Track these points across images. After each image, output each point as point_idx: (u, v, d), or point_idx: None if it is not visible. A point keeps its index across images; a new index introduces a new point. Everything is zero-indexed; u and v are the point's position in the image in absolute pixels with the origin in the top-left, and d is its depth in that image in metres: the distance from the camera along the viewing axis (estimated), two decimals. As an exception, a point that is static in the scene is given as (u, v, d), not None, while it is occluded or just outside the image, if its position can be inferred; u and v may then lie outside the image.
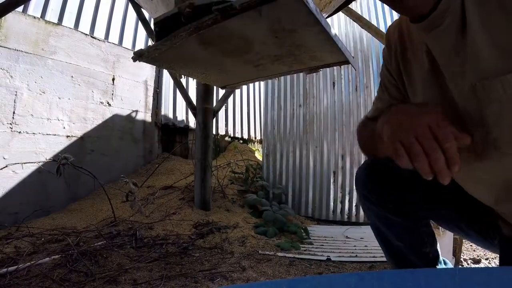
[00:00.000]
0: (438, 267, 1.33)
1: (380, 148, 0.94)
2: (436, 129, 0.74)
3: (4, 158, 3.41)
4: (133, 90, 4.97)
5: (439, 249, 1.37)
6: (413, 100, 1.10)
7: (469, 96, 0.87)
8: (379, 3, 5.10)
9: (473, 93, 0.85)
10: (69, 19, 4.13)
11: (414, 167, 0.76)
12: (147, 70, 5.20)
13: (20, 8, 3.57)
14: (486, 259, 2.96)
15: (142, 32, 5.07)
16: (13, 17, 3.53)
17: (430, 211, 1.27)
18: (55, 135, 3.89)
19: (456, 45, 0.86)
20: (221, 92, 5.20)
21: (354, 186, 4.62)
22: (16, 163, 3.47)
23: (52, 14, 3.94)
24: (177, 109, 5.77)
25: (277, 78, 5.09)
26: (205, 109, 4.04)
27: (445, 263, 1.38)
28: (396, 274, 0.63)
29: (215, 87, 4.12)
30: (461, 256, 2.85)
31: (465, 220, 1.19)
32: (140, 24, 4.51)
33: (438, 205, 1.22)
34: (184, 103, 5.50)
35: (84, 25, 4.31)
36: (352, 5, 3.80)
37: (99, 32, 4.52)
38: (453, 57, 0.88)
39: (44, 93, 3.79)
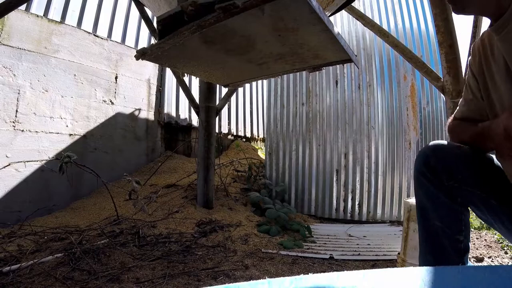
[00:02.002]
0: (465, 261, 1.38)
1: (489, 144, 1.23)
2: None
3: (7, 157, 3.42)
4: (136, 88, 4.97)
5: (470, 244, 1.41)
6: (494, 95, 1.29)
7: None
8: (381, 2, 5.08)
9: None
10: (72, 17, 4.13)
11: None
12: (150, 69, 5.20)
13: (23, 7, 3.58)
14: (489, 257, 2.95)
15: (145, 30, 5.08)
16: (16, 16, 3.53)
17: (482, 200, 1.32)
18: (58, 133, 3.90)
19: None
20: (224, 90, 5.21)
21: (357, 185, 4.64)
22: (19, 162, 3.48)
23: (55, 13, 3.94)
24: (180, 108, 5.77)
25: (280, 77, 5.10)
26: (208, 108, 4.04)
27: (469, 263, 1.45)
28: (398, 271, 0.63)
29: (218, 86, 4.12)
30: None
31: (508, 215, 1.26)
32: (143, 22, 4.51)
33: (492, 195, 1.30)
34: (187, 101, 5.50)
35: (87, 24, 4.31)
36: (355, 4, 3.79)
37: (102, 30, 4.52)
38: None
39: (47, 91, 3.79)
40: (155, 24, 1.84)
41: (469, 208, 1.38)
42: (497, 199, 1.26)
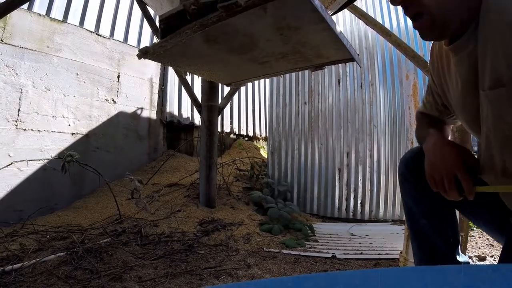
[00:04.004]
0: (456, 255, 1.42)
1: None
2: (459, 177, 1.11)
3: (9, 156, 3.43)
4: (138, 87, 4.97)
5: (460, 238, 1.46)
6: (453, 106, 1.30)
7: (483, 102, 1.04)
8: (384, 0, 5.07)
9: (485, 98, 1.02)
10: (74, 16, 4.13)
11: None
12: (152, 68, 5.20)
13: (25, 6, 3.58)
14: (492, 256, 2.95)
15: (147, 29, 5.08)
16: (18, 15, 3.53)
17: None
18: (60, 132, 3.90)
19: (473, 63, 1.04)
20: (226, 89, 5.20)
21: (359, 184, 4.63)
22: (21, 161, 3.48)
23: (57, 12, 3.94)
24: (182, 107, 5.77)
25: (282, 76, 5.09)
26: (210, 106, 4.04)
27: (462, 256, 1.45)
28: (401, 271, 0.63)
29: (220, 85, 4.12)
30: (466, 253, 2.84)
31: (488, 211, 1.30)
32: (145, 21, 4.52)
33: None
34: (189, 100, 5.50)
35: (89, 23, 4.31)
36: (357, 2, 3.79)
37: (104, 29, 4.52)
38: (470, 74, 1.07)
39: (49, 90, 3.79)
40: (157, 23, 1.84)
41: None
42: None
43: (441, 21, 1.01)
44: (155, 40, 4.95)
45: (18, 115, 3.52)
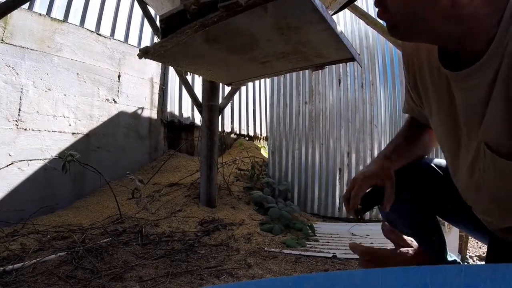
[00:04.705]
0: (445, 255, 1.42)
1: None
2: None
3: (10, 155, 3.43)
4: (139, 87, 4.97)
5: (445, 240, 1.45)
6: (428, 113, 1.19)
7: (472, 147, 0.98)
8: None
9: (477, 147, 0.95)
10: (75, 16, 4.13)
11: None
12: (153, 67, 5.20)
13: (26, 5, 3.57)
14: (493, 257, 2.94)
15: (148, 29, 5.07)
16: (19, 14, 3.53)
17: (440, 205, 1.39)
18: (60, 132, 3.90)
19: (480, 103, 0.90)
20: (227, 89, 5.19)
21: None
22: (22, 160, 3.48)
23: (58, 11, 3.94)
24: (183, 106, 5.76)
25: (282, 75, 5.09)
26: (211, 106, 4.04)
27: (451, 256, 1.45)
28: (401, 270, 0.62)
29: (221, 84, 4.12)
30: (467, 253, 2.84)
31: (466, 216, 1.27)
32: (146, 21, 4.51)
33: (447, 201, 1.34)
34: (190, 100, 5.49)
35: (90, 22, 4.31)
36: (358, 2, 3.79)
37: (105, 29, 4.52)
38: (473, 112, 0.94)
39: (50, 90, 3.79)
40: (158, 23, 1.84)
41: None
42: (451, 203, 1.31)
43: (405, 24, 0.90)
44: (156, 39, 4.95)
45: (18, 114, 3.52)
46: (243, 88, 7.29)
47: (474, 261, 2.86)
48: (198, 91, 4.63)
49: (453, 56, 0.94)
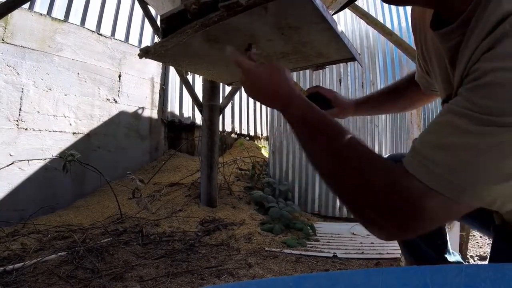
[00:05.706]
0: (446, 256, 1.42)
1: None
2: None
3: (10, 155, 3.43)
4: (139, 87, 4.97)
5: (447, 238, 1.46)
6: (435, 81, 1.17)
7: None
8: None
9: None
10: (75, 16, 4.13)
11: None
12: (153, 67, 5.20)
13: (27, 5, 3.57)
14: (494, 256, 2.93)
15: (148, 29, 5.08)
16: (20, 14, 3.53)
17: None
18: (61, 132, 3.90)
19: (451, 64, 0.91)
20: (228, 89, 5.20)
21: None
22: (22, 160, 3.48)
23: (58, 11, 3.94)
24: (184, 106, 5.77)
25: (283, 75, 5.07)
26: (211, 106, 4.04)
27: (453, 255, 1.45)
28: (402, 270, 0.62)
29: (221, 84, 4.12)
30: (468, 252, 2.84)
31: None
32: (146, 21, 4.52)
33: None
34: (190, 100, 5.49)
35: (91, 22, 4.31)
36: (359, 2, 3.79)
37: (106, 29, 4.52)
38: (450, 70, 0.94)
39: (50, 90, 3.80)
40: (158, 23, 1.84)
41: None
42: None
43: None
44: (156, 39, 4.95)
45: (19, 114, 3.52)
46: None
47: (474, 260, 2.86)
48: (199, 90, 4.64)
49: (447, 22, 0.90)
